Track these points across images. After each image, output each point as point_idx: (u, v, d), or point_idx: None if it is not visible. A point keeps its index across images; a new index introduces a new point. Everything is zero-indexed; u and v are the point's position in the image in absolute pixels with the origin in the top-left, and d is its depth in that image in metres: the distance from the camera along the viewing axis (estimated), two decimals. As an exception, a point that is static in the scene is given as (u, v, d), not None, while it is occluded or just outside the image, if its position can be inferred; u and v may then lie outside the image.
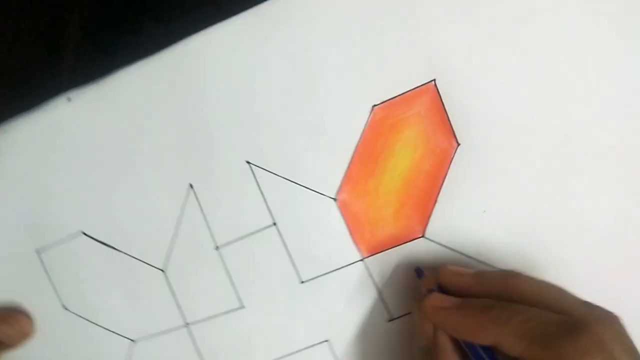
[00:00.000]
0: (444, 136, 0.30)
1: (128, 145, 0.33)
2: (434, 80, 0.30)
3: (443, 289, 0.28)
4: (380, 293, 0.32)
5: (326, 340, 0.33)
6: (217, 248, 0.33)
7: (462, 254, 0.31)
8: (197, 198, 0.33)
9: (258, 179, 0.32)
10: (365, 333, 0.32)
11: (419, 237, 0.31)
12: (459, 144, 0.30)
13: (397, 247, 0.32)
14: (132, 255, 0.34)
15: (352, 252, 0.32)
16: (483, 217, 0.30)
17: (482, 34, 0.29)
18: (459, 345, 0.26)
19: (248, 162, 0.32)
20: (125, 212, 0.34)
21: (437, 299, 0.27)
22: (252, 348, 0.34)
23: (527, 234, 0.30)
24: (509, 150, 0.29)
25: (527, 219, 0.30)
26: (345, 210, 0.32)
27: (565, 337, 0.21)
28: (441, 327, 0.26)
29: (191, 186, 0.33)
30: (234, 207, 0.32)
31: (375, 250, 0.32)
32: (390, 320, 0.32)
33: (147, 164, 0.33)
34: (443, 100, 0.30)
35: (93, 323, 0.36)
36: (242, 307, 0.33)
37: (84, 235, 0.35)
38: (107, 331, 0.35)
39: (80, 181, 0.34)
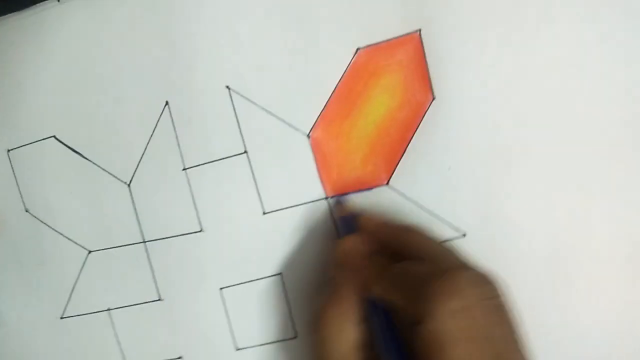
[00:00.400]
0: (421, 88, 0.31)
1: (110, 55, 0.33)
2: (420, 30, 0.30)
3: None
4: (339, 235, 0.33)
5: (279, 274, 0.33)
6: (184, 169, 0.33)
7: (421, 207, 0.31)
8: (171, 116, 0.33)
9: (235, 105, 0.32)
10: (318, 270, 0.33)
11: (383, 185, 0.32)
12: (434, 98, 0.31)
13: (361, 192, 0.32)
14: (100, 165, 0.34)
15: (317, 190, 0.32)
16: (447, 174, 0.31)
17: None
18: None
19: (228, 87, 0.32)
20: (99, 121, 0.34)
21: (350, 241, 0.29)
22: (206, 273, 0.34)
23: (487, 196, 0.31)
24: (483, 111, 0.30)
25: (488, 182, 0.31)
26: (317, 148, 0.32)
27: (428, 283, 0.23)
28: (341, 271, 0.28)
29: (167, 103, 0.33)
30: (207, 129, 0.33)
31: (340, 191, 0.32)
32: (344, 262, 0.33)
33: (127, 75, 0.33)
34: (425, 52, 0.30)
35: (53, 229, 0.36)
36: (201, 230, 0.34)
37: (55, 140, 0.35)
38: (65, 239, 0.36)
39: (59, 85, 0.34)
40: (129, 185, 0.34)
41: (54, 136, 0.35)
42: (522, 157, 0.30)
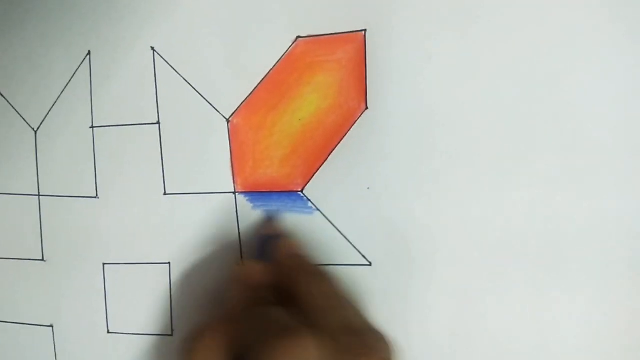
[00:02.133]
0: (356, 95, 0.27)
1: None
2: (365, 30, 0.27)
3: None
4: (239, 234, 0.29)
5: (168, 263, 0.30)
6: (92, 127, 0.31)
7: (331, 222, 0.28)
8: (90, 68, 0.30)
9: (157, 70, 0.29)
10: (211, 267, 0.30)
11: (297, 191, 0.29)
12: (367, 108, 0.27)
13: (272, 193, 0.29)
14: (12, 105, 0.32)
15: (227, 182, 0.29)
16: (365, 193, 0.28)
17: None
18: None
19: (153, 49, 0.29)
20: (20, 60, 0.32)
21: (253, 269, 0.26)
22: (92, 243, 0.31)
23: (402, 225, 0.27)
24: (415, 131, 0.27)
25: (406, 210, 0.27)
26: (234, 136, 0.29)
27: (269, 340, 0.20)
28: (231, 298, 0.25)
29: (89, 53, 0.30)
30: (124, 90, 0.30)
31: (249, 188, 0.29)
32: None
33: (54, 14, 0.30)
34: (367, 55, 0.27)
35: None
36: (96, 197, 0.31)
37: (-25, 69, 0.33)
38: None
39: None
40: (36, 131, 0.32)
41: (-24, 65, 0.33)
42: (448, 190, 0.26)
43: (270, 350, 0.19)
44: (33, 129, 0.32)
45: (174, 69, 0.29)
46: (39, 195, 0.32)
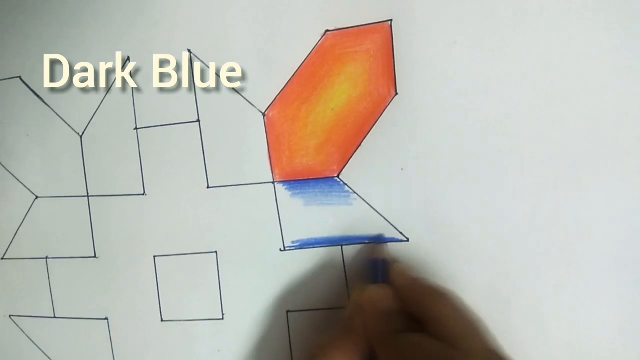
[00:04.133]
0: (386, 82, 0.29)
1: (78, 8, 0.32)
2: (391, 20, 0.28)
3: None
4: (280, 221, 0.31)
5: (215, 251, 0.32)
6: (136, 128, 0.32)
7: (368, 203, 0.30)
8: (131, 72, 0.32)
9: (194, 71, 0.31)
10: (255, 254, 0.32)
11: (334, 177, 0.30)
12: (397, 94, 0.29)
13: (309, 180, 0.31)
14: (57, 112, 0.34)
15: (265, 172, 0.31)
16: (399, 175, 0.29)
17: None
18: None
19: (189, 51, 0.31)
20: (61, 68, 0.33)
21: (380, 293, 0.26)
22: (142, 238, 0.33)
23: (437, 202, 0.29)
24: (444, 114, 0.28)
25: (441, 188, 0.29)
26: (271, 129, 0.31)
27: None
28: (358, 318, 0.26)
29: (128, 59, 0.32)
30: (164, 91, 0.32)
31: (288, 177, 0.31)
32: (282, 251, 0.31)
33: (92, 26, 0.32)
34: (394, 44, 0.28)
35: (5, 168, 0.35)
36: (144, 194, 0.33)
37: (20, 81, 0.34)
38: (15, 180, 0.35)
39: (25, 27, 0.34)
40: (81, 136, 0.33)
41: (20, 77, 0.34)
42: (480, 167, 0.28)
43: None
44: (78, 134, 0.33)
45: (209, 68, 0.31)
46: (87, 196, 0.34)
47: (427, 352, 0.22)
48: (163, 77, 0.32)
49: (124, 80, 0.32)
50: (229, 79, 0.31)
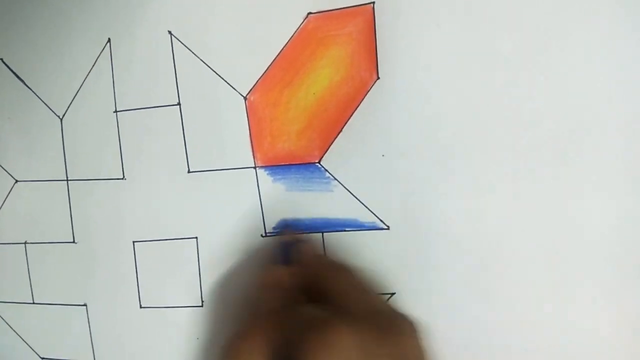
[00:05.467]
0: (367, 65, 0.29)
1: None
2: (374, 3, 0.28)
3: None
4: (261, 207, 0.31)
5: (195, 237, 0.32)
6: (115, 111, 0.32)
7: (348, 190, 0.29)
8: (111, 54, 0.32)
9: (175, 53, 0.31)
10: (236, 240, 0.31)
11: (315, 162, 0.30)
12: (378, 78, 0.28)
13: (291, 166, 0.30)
14: (39, 95, 0.33)
15: (247, 157, 0.31)
16: (380, 161, 0.29)
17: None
18: None
19: (170, 33, 0.31)
20: (43, 50, 0.33)
21: (279, 272, 0.27)
22: (122, 223, 0.33)
23: (418, 190, 0.28)
24: (426, 99, 0.28)
25: (421, 175, 0.28)
26: (252, 113, 0.30)
27: (307, 333, 0.21)
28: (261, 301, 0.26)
29: (109, 41, 0.32)
30: (144, 74, 0.31)
31: (269, 162, 0.31)
32: (264, 237, 0.31)
33: (74, 5, 0.32)
34: (376, 27, 0.28)
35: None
36: (123, 178, 0.32)
37: (2, 63, 0.34)
38: (-5, 164, 0.35)
39: (7, 7, 0.33)
40: (61, 119, 0.33)
41: (2, 59, 0.34)
42: (461, 155, 0.28)
43: (309, 343, 0.20)
44: (59, 116, 0.33)
45: (191, 51, 0.30)
46: (67, 180, 0.33)
47: (309, 319, 0.22)
48: (144, 59, 0.31)
49: (104, 63, 0.31)
50: (210, 62, 0.30)
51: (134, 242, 0.32)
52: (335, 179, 0.30)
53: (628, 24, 0.25)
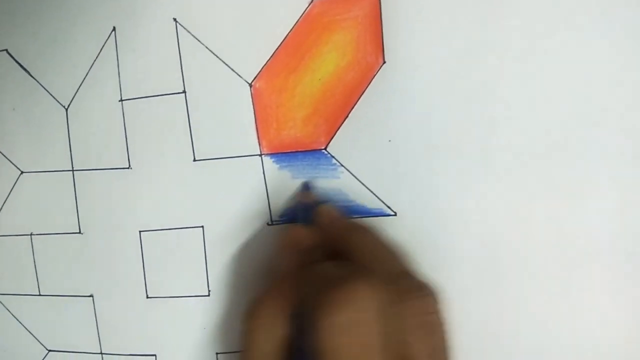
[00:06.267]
0: (373, 49, 0.28)
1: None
2: (379, -15, 0.28)
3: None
4: (267, 195, 0.31)
5: (202, 226, 0.32)
6: (121, 100, 0.32)
7: (355, 176, 0.29)
8: (116, 43, 0.31)
9: (180, 40, 0.30)
10: (242, 228, 0.31)
11: (321, 149, 0.30)
12: (384, 62, 0.28)
13: (297, 153, 0.30)
14: (44, 85, 0.33)
15: (253, 145, 0.31)
16: (387, 147, 0.29)
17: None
18: None
19: (175, 20, 0.30)
20: (48, 40, 0.33)
21: (301, 232, 0.27)
22: (127, 213, 0.33)
23: (425, 176, 0.28)
24: (433, 84, 0.28)
25: (428, 161, 0.28)
26: (258, 100, 0.30)
27: (325, 290, 0.20)
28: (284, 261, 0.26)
29: (114, 29, 0.31)
30: (149, 62, 0.31)
31: (275, 149, 0.30)
32: (270, 225, 0.31)
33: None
34: (382, 10, 0.28)
35: (-11, 143, 0.35)
36: (129, 167, 0.32)
37: (7, 54, 0.34)
38: (2, 156, 0.35)
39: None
40: (67, 109, 0.33)
41: (7, 50, 0.34)
42: (470, 139, 0.27)
43: (328, 301, 0.20)
44: (64, 106, 0.33)
45: (196, 38, 0.30)
46: (72, 171, 0.33)
47: (328, 277, 0.22)
48: (149, 47, 0.31)
49: (109, 51, 0.31)
50: (215, 49, 0.30)
51: (140, 231, 0.32)
52: (342, 165, 0.29)
53: (628, 23, 0.25)
